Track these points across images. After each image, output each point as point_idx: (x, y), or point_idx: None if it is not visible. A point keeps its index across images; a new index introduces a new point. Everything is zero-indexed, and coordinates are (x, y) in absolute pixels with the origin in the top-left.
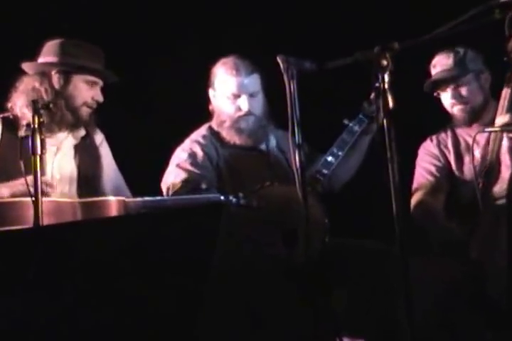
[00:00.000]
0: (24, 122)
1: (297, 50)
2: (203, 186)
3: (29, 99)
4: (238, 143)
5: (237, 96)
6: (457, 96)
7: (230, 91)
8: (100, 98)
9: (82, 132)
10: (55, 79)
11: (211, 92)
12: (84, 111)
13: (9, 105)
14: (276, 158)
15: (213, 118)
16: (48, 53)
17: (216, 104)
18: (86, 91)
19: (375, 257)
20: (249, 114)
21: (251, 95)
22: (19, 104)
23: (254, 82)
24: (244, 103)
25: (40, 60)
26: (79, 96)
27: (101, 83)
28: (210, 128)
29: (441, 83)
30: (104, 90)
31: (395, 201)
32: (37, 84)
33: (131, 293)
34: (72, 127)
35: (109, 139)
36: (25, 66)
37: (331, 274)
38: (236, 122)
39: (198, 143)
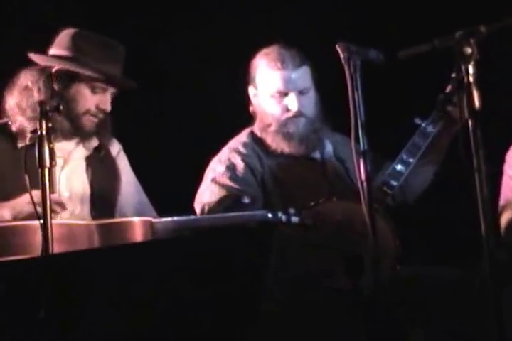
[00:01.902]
0: (13, 128)
1: (360, 36)
2: (246, 200)
3: (20, 99)
4: (287, 151)
5: (283, 94)
6: None
7: (274, 89)
8: (107, 106)
9: (95, 142)
10: (55, 77)
11: (251, 90)
12: (87, 121)
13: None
14: (333, 168)
15: (255, 121)
16: (58, 45)
17: (258, 105)
18: (90, 98)
19: (458, 289)
20: (299, 115)
21: (300, 92)
22: (11, 105)
23: (303, 76)
24: (292, 102)
25: (51, 51)
26: (80, 102)
27: (111, 89)
28: (252, 133)
29: None
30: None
31: (484, 219)
32: (30, 82)
33: (167, 330)
34: (74, 138)
35: (127, 148)
36: (32, 56)
37: (404, 310)
38: (283, 126)
39: (238, 152)
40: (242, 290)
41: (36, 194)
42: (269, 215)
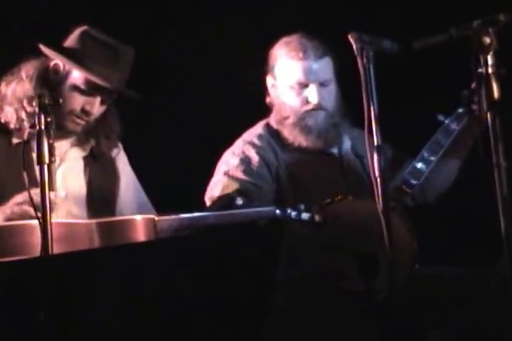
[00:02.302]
0: (2, 120)
1: (373, 25)
2: (239, 201)
3: (13, 89)
4: (304, 145)
5: (303, 85)
6: None
7: (294, 80)
8: (92, 109)
9: (92, 141)
10: (52, 70)
11: (269, 80)
12: (70, 122)
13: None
14: (351, 164)
15: (272, 113)
16: (68, 40)
17: (276, 96)
18: (76, 98)
19: (476, 289)
20: (318, 108)
21: (321, 84)
22: (2, 94)
23: (325, 67)
24: (313, 94)
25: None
26: (66, 101)
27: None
28: (268, 126)
29: None
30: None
31: (503, 217)
32: (24, 74)
33: (170, 330)
34: (61, 136)
35: (127, 145)
36: (41, 47)
37: (421, 312)
38: (302, 119)
39: (253, 144)
40: (249, 288)
41: (27, 194)
42: (278, 211)
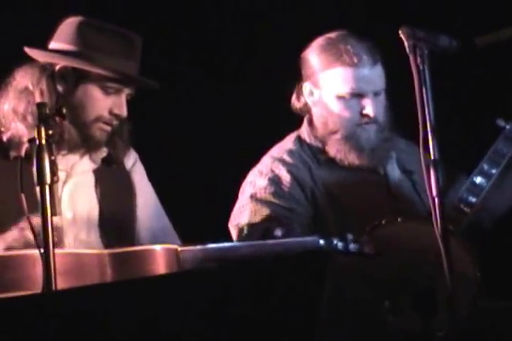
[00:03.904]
0: (5, 137)
1: (428, 20)
2: (278, 233)
3: (16, 103)
4: (356, 163)
5: (356, 95)
6: None
7: (347, 88)
8: (122, 111)
9: (103, 152)
10: (59, 77)
11: (307, 87)
12: (98, 130)
13: None
14: (398, 181)
15: (304, 125)
16: (60, 37)
17: (321, 106)
18: (102, 101)
19: None
20: (372, 121)
21: (375, 94)
22: (5, 110)
23: (379, 75)
24: (369, 105)
25: (51, 45)
26: (90, 107)
27: (127, 90)
28: (300, 139)
29: None
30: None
31: None
32: (30, 84)
33: None
34: (82, 149)
35: (146, 156)
36: (29, 51)
37: None
38: (353, 133)
39: (283, 162)
40: (291, 327)
41: (36, 220)
42: (321, 242)
